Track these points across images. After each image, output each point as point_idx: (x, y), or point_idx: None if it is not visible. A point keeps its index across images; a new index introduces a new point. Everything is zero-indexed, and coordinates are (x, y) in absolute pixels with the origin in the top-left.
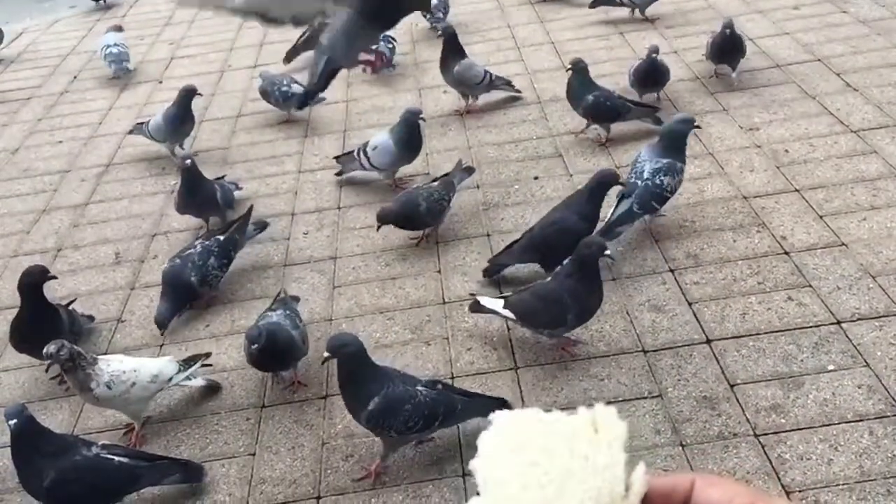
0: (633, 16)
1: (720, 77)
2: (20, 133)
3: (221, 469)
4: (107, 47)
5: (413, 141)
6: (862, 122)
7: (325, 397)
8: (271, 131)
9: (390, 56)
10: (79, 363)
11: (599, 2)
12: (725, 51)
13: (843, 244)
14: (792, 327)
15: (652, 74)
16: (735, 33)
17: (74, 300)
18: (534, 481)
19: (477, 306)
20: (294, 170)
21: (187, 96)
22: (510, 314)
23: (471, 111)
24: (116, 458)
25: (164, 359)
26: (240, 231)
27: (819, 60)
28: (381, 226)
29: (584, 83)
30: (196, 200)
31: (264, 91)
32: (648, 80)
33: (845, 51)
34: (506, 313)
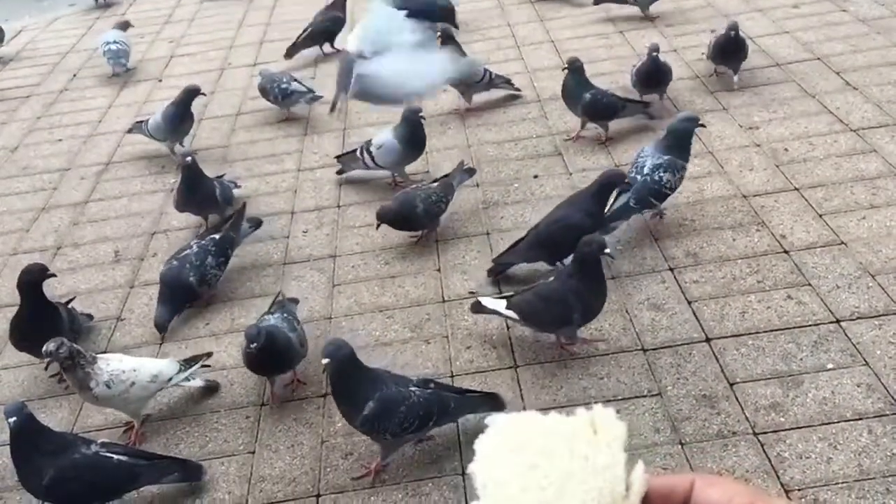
0: (647, 14)
1: (720, 76)
2: (19, 131)
3: (221, 467)
4: (106, 44)
5: (417, 139)
6: (861, 121)
7: (325, 395)
8: (271, 129)
9: None
10: (78, 362)
11: None
12: (728, 53)
13: (843, 243)
14: (791, 326)
15: (655, 75)
16: (739, 36)
17: (74, 298)
18: (534, 483)
19: (478, 307)
20: (293, 168)
21: (190, 95)
22: (514, 315)
23: (469, 109)
24: (116, 457)
25: (165, 360)
26: (234, 229)
27: (819, 59)
28: (381, 224)
29: (581, 82)
30: (196, 198)
31: (263, 89)
32: (651, 81)
33: (845, 49)
34: (509, 314)
